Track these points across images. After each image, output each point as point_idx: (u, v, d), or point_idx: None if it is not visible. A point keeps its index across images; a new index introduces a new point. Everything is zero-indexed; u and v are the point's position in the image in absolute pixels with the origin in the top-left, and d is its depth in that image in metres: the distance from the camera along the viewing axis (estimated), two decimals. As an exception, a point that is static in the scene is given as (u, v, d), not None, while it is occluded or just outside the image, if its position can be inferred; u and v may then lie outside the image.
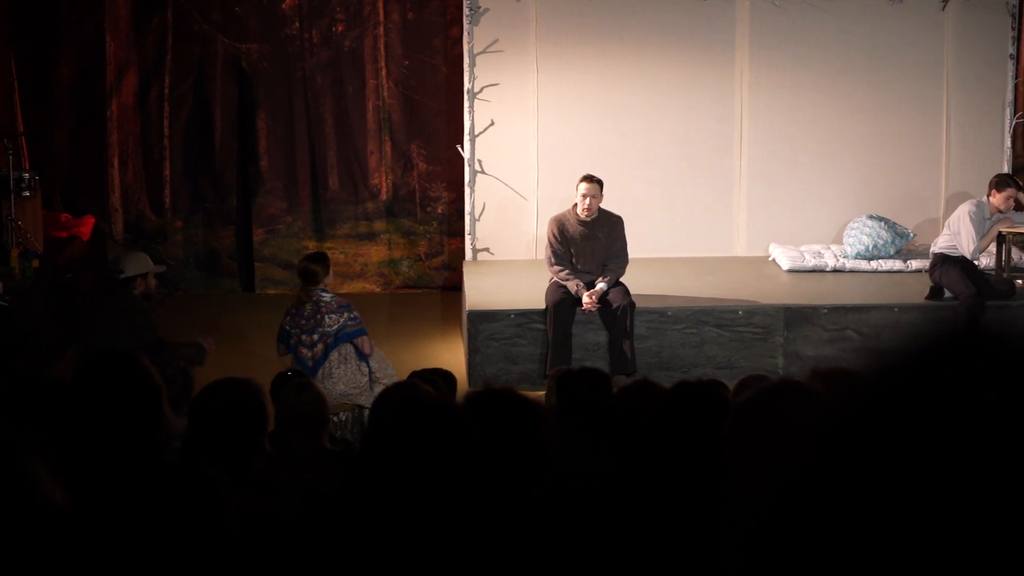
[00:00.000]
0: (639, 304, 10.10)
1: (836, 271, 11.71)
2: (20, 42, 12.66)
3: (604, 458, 4.33)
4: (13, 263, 10.47)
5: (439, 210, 13.44)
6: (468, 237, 12.33)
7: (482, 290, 10.95)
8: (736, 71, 12.31)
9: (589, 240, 10.23)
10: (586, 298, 9.95)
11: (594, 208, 10.21)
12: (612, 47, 12.19)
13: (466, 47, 12.16)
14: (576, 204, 10.24)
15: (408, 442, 3.00)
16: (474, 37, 12.14)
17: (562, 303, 9.99)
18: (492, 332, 10.19)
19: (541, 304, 10.14)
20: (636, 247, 10.60)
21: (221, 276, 13.48)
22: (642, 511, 2.56)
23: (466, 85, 12.19)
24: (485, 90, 12.19)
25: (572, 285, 10.02)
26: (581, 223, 10.23)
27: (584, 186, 10.20)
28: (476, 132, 12.22)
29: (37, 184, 11.23)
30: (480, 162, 12.25)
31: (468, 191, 12.28)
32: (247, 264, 13.45)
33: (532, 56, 12.17)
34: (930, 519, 1.16)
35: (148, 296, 8.81)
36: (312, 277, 8.63)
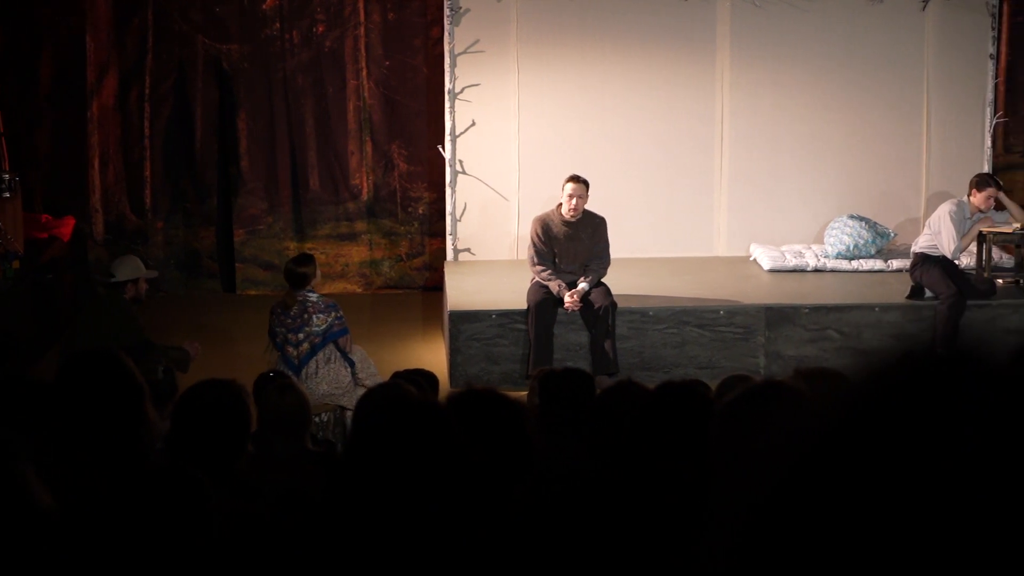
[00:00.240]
0: (621, 304, 10.10)
1: (817, 271, 11.73)
2: (-1, 42, 12.64)
3: (587, 458, 4.33)
4: (-7, 264, 10.45)
5: (420, 210, 13.42)
6: (449, 237, 12.31)
7: (463, 290, 10.94)
8: (717, 71, 12.32)
9: (573, 240, 10.23)
10: (568, 298, 9.94)
11: (580, 208, 10.20)
12: (593, 47, 12.19)
13: (447, 47, 12.14)
14: (560, 204, 10.24)
15: (391, 442, 3.01)
16: (455, 37, 12.12)
17: (544, 303, 9.99)
18: (474, 332, 10.19)
19: (523, 304, 10.13)
20: (617, 247, 10.60)
21: (202, 277, 13.45)
22: (626, 512, 2.57)
23: (447, 85, 12.17)
24: (466, 90, 12.17)
25: (554, 285, 10.01)
26: (565, 223, 10.22)
27: (571, 186, 10.18)
28: (457, 132, 12.20)
29: (17, 185, 11.20)
30: (461, 162, 12.23)
31: (449, 191, 12.27)
32: (228, 264, 13.42)
33: (513, 56, 12.16)
34: (915, 519, 1.17)
35: (138, 300, 8.77)
36: (302, 280, 8.61)
